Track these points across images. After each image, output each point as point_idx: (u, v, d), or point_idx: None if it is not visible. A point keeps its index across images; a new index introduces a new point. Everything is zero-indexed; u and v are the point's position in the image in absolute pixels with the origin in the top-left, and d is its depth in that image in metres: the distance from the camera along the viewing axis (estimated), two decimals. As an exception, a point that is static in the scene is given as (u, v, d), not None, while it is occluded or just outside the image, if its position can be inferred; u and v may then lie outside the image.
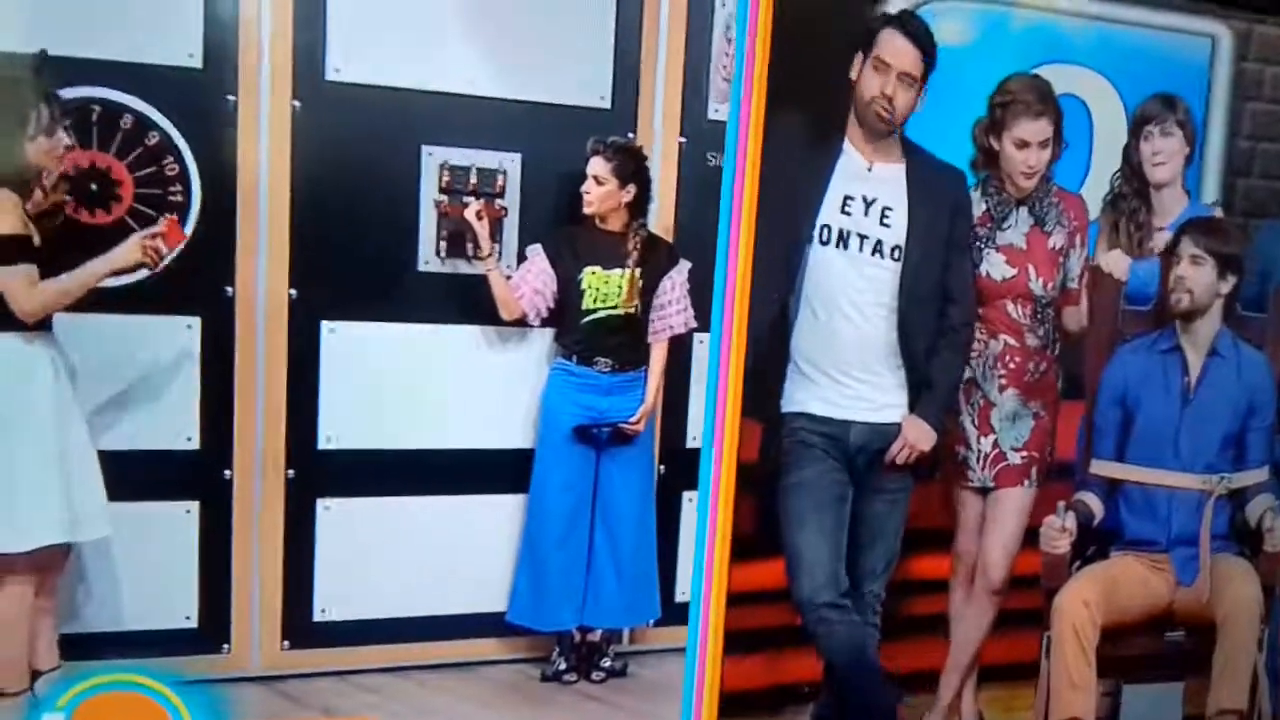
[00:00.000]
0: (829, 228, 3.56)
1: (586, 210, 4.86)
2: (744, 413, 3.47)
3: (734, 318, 3.33)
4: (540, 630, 5.16)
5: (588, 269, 4.92)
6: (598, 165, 4.87)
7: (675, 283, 5.04)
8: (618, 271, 4.91)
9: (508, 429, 5.21)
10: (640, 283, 4.94)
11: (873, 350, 3.63)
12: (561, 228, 5.02)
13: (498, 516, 5.28)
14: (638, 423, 5.05)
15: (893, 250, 3.62)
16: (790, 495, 3.63)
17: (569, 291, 4.96)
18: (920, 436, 3.72)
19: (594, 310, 4.95)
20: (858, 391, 3.65)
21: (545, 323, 5.10)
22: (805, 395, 3.63)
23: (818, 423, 3.67)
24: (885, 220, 3.60)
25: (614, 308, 4.93)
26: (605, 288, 4.91)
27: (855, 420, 3.68)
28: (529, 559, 5.15)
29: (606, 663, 5.26)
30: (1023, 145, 3.78)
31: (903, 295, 3.60)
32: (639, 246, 4.95)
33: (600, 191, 4.79)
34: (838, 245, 3.53)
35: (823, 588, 3.61)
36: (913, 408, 3.71)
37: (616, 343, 4.98)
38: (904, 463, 3.70)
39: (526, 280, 4.91)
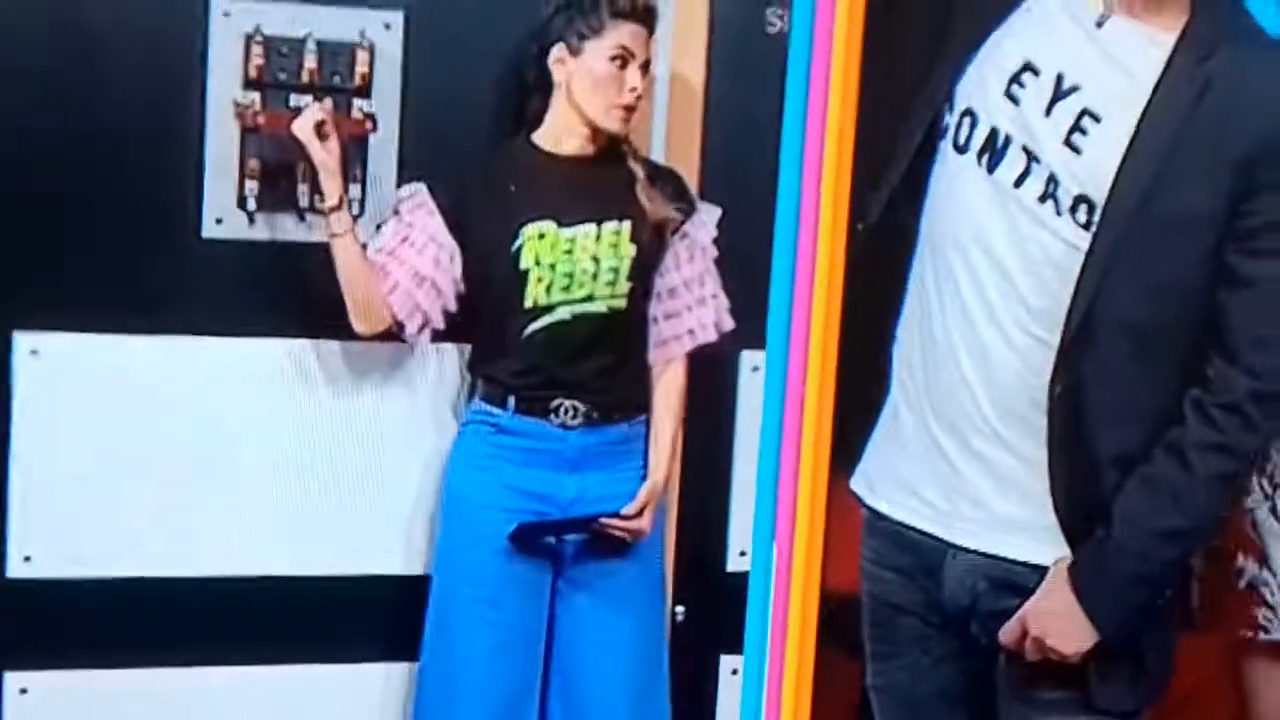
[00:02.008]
0: (971, 117, 2.55)
1: (622, 125, 3.71)
2: (835, 498, 2.45)
3: (816, 313, 2.33)
4: None
5: (530, 227, 3.69)
6: (632, 35, 3.67)
7: (695, 248, 3.86)
8: (589, 229, 3.71)
9: (373, 538, 4.03)
10: (645, 249, 3.76)
11: (1016, 398, 2.55)
12: (491, 154, 3.83)
13: (356, 705, 4.07)
14: (635, 517, 3.82)
15: (1077, 203, 2.49)
16: (877, 709, 2.82)
17: (493, 274, 3.79)
18: (1053, 625, 2.54)
19: (549, 308, 3.80)
20: (969, 482, 2.56)
21: (442, 336, 3.92)
22: (878, 465, 2.70)
23: (892, 542, 2.69)
24: (1079, 131, 2.48)
25: (587, 299, 3.76)
26: (570, 262, 3.72)
27: (957, 545, 2.60)
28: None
29: None
30: None
31: (1083, 314, 2.49)
32: (641, 176, 3.74)
33: (643, 85, 3.66)
34: (980, 159, 2.50)
35: None
36: (1074, 545, 2.55)
37: (597, 369, 3.80)
38: (1032, 658, 2.57)
39: (400, 257, 3.77)
